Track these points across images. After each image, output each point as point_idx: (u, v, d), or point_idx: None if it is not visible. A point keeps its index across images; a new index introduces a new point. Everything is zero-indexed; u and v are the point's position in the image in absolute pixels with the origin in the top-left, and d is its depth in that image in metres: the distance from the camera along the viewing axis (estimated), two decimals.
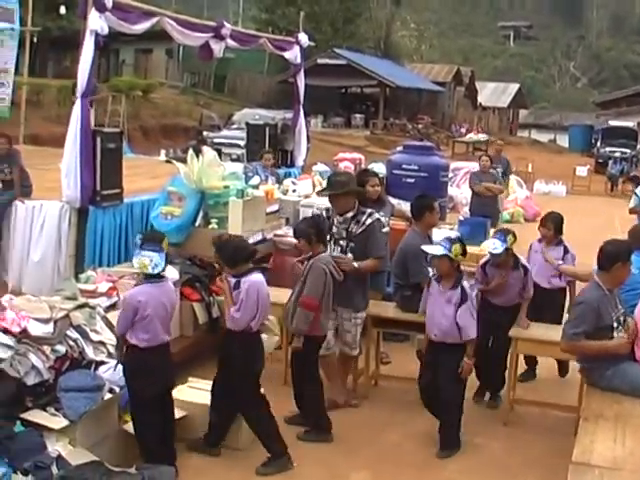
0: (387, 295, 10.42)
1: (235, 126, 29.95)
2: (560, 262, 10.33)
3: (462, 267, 8.81)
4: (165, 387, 7.70)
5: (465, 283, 8.55)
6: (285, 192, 14.23)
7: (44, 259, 11.80)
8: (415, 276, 9.38)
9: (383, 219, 9.72)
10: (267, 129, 18.39)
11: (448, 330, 8.41)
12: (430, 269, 9.09)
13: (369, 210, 9.35)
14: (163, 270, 7.57)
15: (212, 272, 10.84)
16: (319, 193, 10.22)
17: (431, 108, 58.93)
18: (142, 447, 7.70)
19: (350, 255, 9.11)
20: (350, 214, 9.16)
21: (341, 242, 9.20)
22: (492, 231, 12.50)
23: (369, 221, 9.13)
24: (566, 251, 10.56)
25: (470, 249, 9.23)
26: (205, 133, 29.71)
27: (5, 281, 12.21)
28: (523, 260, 9.75)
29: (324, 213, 9.64)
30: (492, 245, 9.38)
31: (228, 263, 7.94)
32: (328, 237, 9.06)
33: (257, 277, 8.03)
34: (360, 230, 9.14)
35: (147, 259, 7.41)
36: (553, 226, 10.57)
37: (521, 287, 9.60)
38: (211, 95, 48.14)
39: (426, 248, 8.79)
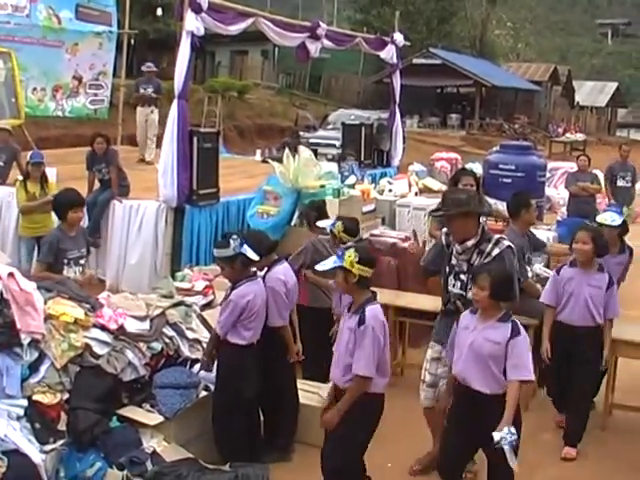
0: None
1: (331, 126, 29.92)
2: None
3: None
4: (260, 386, 7.67)
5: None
6: (381, 192, 14.18)
7: (141, 258, 11.98)
8: None
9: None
10: (363, 129, 18.38)
11: None
12: (528, 269, 8.87)
13: (496, 236, 7.38)
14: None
15: None
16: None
17: (527, 108, 58.14)
18: (225, 447, 7.65)
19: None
20: (471, 242, 7.18)
21: (462, 277, 7.28)
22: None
23: (496, 251, 7.13)
24: (611, 283, 8.16)
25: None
26: (301, 133, 29.73)
27: (103, 279, 12.40)
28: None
29: (444, 238, 7.52)
30: (610, 217, 8.79)
31: None
32: (447, 270, 7.41)
33: (283, 266, 8.11)
34: (485, 263, 7.06)
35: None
36: (591, 239, 8.03)
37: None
38: (306, 96, 48.16)
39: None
